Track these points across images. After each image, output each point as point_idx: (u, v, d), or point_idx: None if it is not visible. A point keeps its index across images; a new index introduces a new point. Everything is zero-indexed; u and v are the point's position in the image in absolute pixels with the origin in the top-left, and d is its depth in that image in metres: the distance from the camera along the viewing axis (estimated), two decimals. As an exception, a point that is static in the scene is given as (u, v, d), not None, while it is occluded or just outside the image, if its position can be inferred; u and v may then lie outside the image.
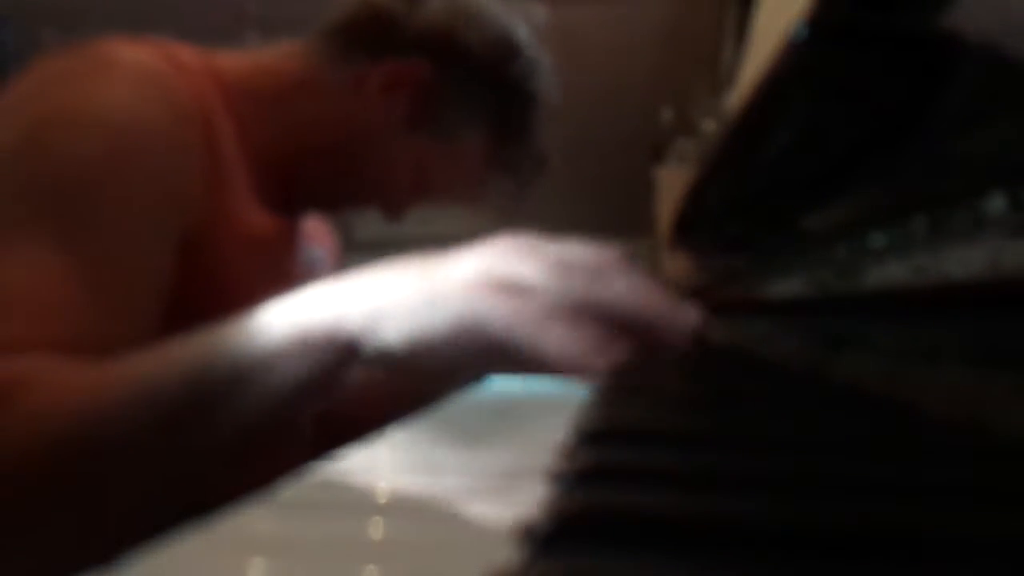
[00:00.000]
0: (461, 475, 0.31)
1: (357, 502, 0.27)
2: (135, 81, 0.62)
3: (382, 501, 0.27)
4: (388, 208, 0.83)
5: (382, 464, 0.35)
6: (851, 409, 0.40)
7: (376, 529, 0.23)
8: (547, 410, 0.47)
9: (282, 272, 0.78)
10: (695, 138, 2.04)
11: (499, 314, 0.42)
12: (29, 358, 0.48)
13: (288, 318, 0.46)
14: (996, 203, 0.33)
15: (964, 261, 0.35)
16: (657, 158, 2.50)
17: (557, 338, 0.42)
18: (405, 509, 0.26)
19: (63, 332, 0.51)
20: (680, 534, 0.19)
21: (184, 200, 0.63)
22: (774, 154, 0.49)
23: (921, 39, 0.34)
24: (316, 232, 0.94)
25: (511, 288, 0.43)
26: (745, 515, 0.20)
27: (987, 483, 0.24)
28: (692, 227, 0.92)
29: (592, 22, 3.00)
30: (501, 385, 0.62)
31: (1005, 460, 0.28)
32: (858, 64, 0.36)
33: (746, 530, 0.20)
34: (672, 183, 2.18)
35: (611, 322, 0.43)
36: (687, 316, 0.45)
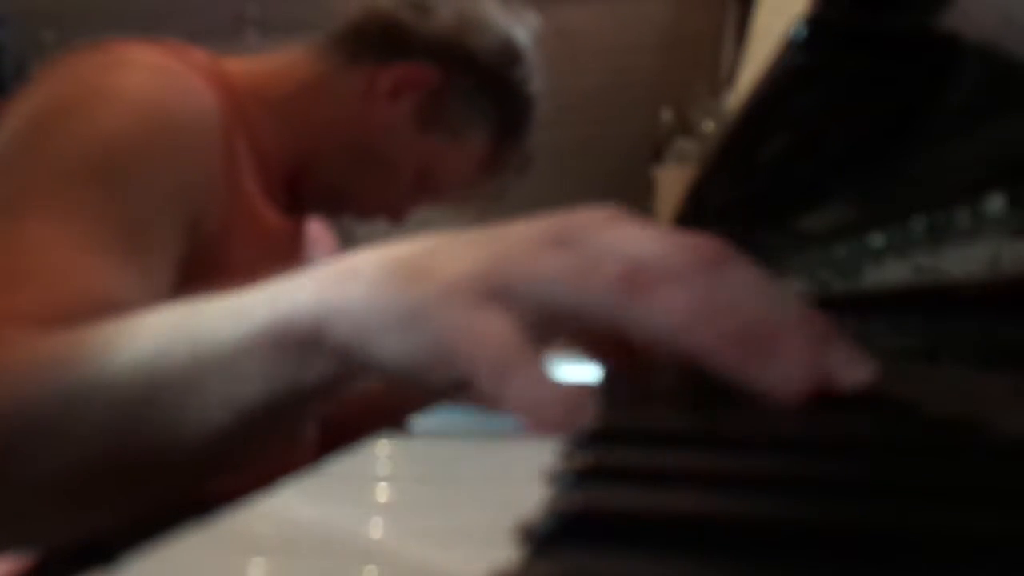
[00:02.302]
0: (460, 475, 0.31)
1: (357, 502, 0.27)
2: (156, 73, 0.64)
3: (382, 501, 0.27)
4: (391, 210, 0.84)
5: (380, 464, 0.35)
6: (851, 409, 0.40)
7: (376, 529, 0.23)
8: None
9: (289, 270, 0.78)
10: (695, 138, 2.04)
11: (466, 342, 0.33)
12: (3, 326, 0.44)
13: (267, 309, 0.38)
14: (996, 203, 0.33)
15: (964, 261, 0.35)
16: (656, 158, 2.50)
17: (520, 391, 0.32)
18: (405, 509, 0.26)
19: (72, 302, 0.50)
20: (681, 534, 0.19)
21: (200, 187, 0.64)
22: (775, 154, 0.49)
23: (921, 38, 0.34)
24: (318, 235, 0.94)
25: (503, 300, 0.34)
26: (746, 515, 0.20)
27: (988, 483, 0.24)
28: (693, 227, 0.92)
29: (592, 22, 3.00)
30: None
31: (1006, 460, 0.28)
32: (858, 64, 0.36)
33: (747, 530, 0.20)
34: (671, 183, 2.18)
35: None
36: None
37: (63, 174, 0.57)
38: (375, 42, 0.78)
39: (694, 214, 0.85)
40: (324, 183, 0.80)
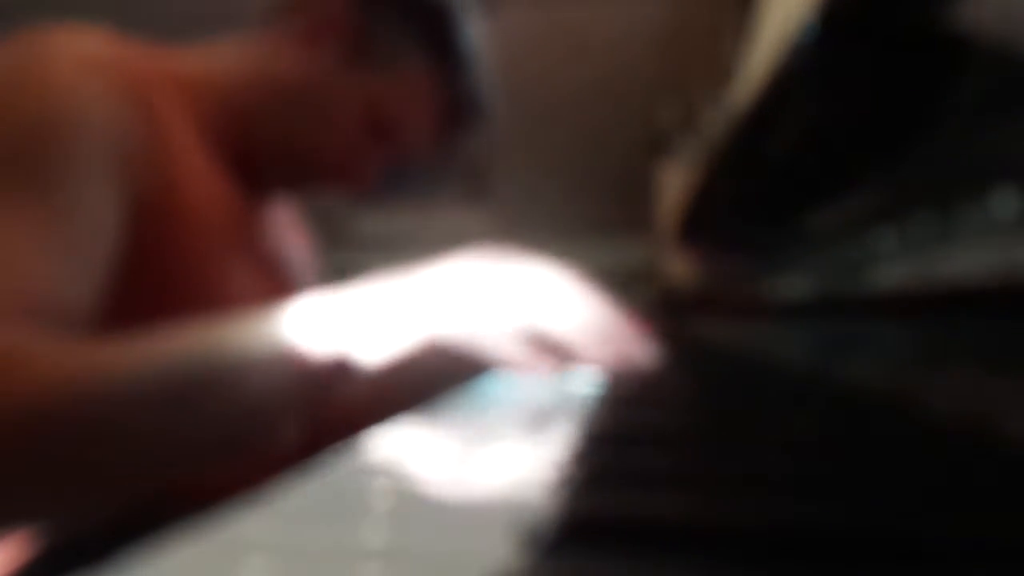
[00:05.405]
0: (463, 475, 0.31)
1: (356, 502, 0.27)
2: (73, 62, 0.63)
3: (381, 500, 0.27)
4: (352, 169, 0.81)
5: (379, 463, 0.34)
6: (858, 412, 0.40)
7: (376, 530, 0.23)
8: (552, 413, 0.47)
9: (245, 246, 0.78)
10: (695, 135, 2.03)
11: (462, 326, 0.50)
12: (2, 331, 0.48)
13: (272, 329, 0.49)
14: (1006, 203, 0.33)
15: (973, 262, 0.35)
16: (657, 155, 2.50)
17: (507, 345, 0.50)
18: (404, 509, 0.26)
19: (21, 297, 0.51)
20: (686, 537, 0.19)
21: (130, 168, 0.63)
22: (783, 152, 0.49)
23: (932, 36, 0.33)
24: (289, 230, 0.93)
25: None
26: (751, 518, 0.20)
27: (994, 487, 0.24)
28: (699, 226, 0.92)
29: (592, 20, 3.00)
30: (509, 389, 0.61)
31: (1013, 464, 0.28)
32: (868, 61, 0.36)
33: (752, 533, 0.19)
34: (672, 180, 2.18)
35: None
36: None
37: None
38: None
39: (701, 213, 0.85)
40: (271, 144, 0.78)
